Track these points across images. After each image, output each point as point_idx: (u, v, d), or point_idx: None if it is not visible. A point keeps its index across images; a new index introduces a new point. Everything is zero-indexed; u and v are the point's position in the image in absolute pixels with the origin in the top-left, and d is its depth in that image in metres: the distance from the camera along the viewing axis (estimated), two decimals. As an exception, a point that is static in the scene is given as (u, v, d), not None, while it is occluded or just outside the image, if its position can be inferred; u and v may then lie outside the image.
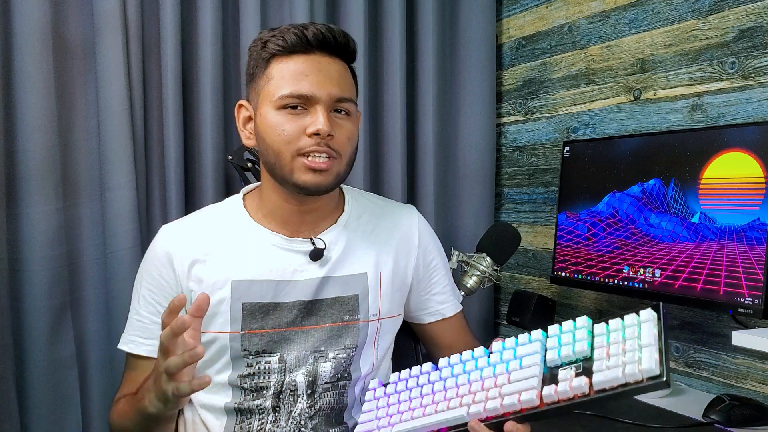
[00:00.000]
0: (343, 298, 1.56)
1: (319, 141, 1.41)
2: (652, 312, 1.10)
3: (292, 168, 1.44)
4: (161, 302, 1.52)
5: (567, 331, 1.18)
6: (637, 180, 1.93)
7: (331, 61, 1.46)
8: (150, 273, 1.54)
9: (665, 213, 1.85)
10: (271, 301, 1.51)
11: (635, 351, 1.05)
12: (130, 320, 1.56)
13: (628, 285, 1.92)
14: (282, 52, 1.44)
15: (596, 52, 2.30)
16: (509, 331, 2.65)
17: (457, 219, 2.64)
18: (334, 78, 1.45)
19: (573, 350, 1.13)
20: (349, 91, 1.48)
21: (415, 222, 1.70)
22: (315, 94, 1.42)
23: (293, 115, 1.43)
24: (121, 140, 2.02)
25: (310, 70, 1.43)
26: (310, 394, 1.52)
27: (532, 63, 2.58)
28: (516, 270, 2.67)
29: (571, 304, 2.41)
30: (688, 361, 2.01)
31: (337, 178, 1.48)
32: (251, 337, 1.50)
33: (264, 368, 1.51)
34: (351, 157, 1.51)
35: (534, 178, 2.58)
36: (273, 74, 1.45)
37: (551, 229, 2.36)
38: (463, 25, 2.61)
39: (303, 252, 1.53)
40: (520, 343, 1.24)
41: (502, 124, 2.73)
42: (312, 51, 1.44)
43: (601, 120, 2.29)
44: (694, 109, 1.98)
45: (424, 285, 1.71)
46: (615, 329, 1.12)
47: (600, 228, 2.03)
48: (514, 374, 1.17)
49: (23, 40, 1.89)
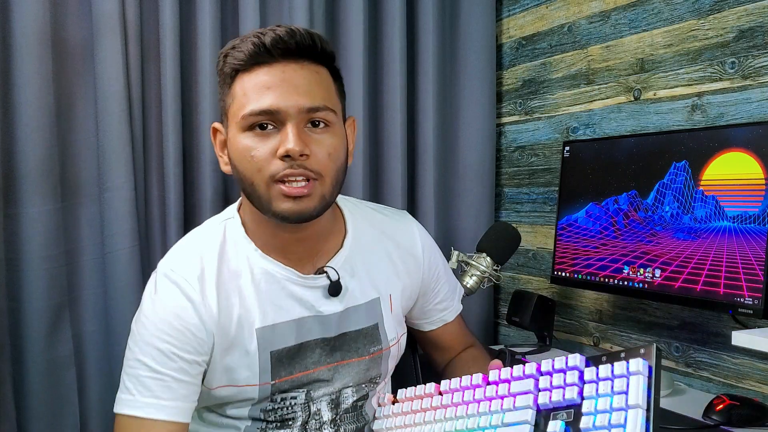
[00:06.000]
0: (366, 329, 1.49)
1: (292, 163, 1.27)
2: (642, 362, 1.07)
3: (269, 197, 1.30)
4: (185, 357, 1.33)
5: (559, 370, 1.18)
6: (637, 180, 1.92)
7: (297, 68, 1.30)
8: (169, 323, 1.33)
9: (665, 213, 1.84)
10: (294, 343, 1.40)
11: (622, 412, 1.04)
12: (139, 379, 1.32)
13: (628, 285, 1.91)
14: (242, 66, 1.30)
15: (596, 52, 2.29)
16: (509, 331, 2.67)
17: (457, 219, 2.63)
18: (301, 87, 1.28)
19: (564, 396, 1.13)
20: (323, 98, 1.31)
21: (415, 233, 1.62)
22: (281, 108, 1.26)
23: (262, 137, 1.28)
24: (120, 141, 2.01)
25: (272, 82, 1.28)
26: (333, 419, 1.47)
27: (532, 63, 2.57)
28: (516, 270, 2.66)
29: (571, 304, 2.41)
30: (688, 361, 2.01)
31: (322, 201, 1.33)
32: (281, 385, 1.40)
33: (289, 404, 1.43)
34: (336, 176, 1.34)
35: (534, 178, 2.58)
36: (236, 92, 1.31)
37: (551, 229, 2.36)
38: (463, 25, 2.60)
39: (320, 287, 1.43)
40: (515, 377, 1.23)
41: (502, 124, 2.72)
42: (274, 60, 1.28)
43: (601, 120, 2.28)
44: (694, 109, 1.98)
45: (429, 296, 1.66)
46: (605, 377, 1.11)
47: (600, 228, 2.02)
48: (508, 416, 1.18)
49: (22, 41, 1.88)
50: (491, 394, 1.24)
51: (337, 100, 1.37)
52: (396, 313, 1.55)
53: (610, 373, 1.10)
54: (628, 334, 2.19)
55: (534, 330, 2.30)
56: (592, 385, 1.11)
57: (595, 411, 1.07)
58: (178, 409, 1.31)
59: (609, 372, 1.10)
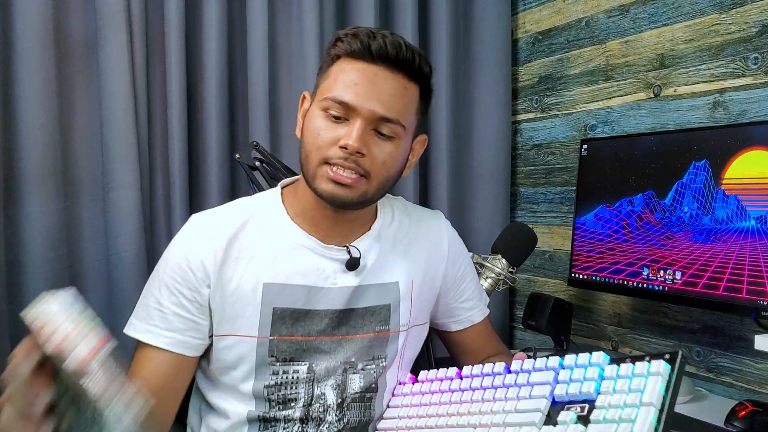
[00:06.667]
0: (375, 307, 1.52)
1: (347, 156, 1.35)
2: (664, 365, 1.09)
3: (315, 174, 1.39)
4: (185, 293, 1.43)
5: (581, 366, 1.20)
6: (657, 179, 1.91)
7: (390, 76, 1.38)
8: (177, 261, 1.44)
9: (686, 213, 1.82)
10: (302, 307, 1.46)
11: (634, 408, 1.05)
12: (147, 308, 1.45)
13: (648, 288, 1.91)
14: (345, 54, 1.39)
15: (615, 47, 2.28)
16: (525, 335, 2.66)
17: (471, 219, 2.62)
18: (384, 94, 1.37)
19: (581, 389, 1.15)
20: (398, 112, 1.39)
21: (444, 230, 1.66)
22: (357, 106, 1.35)
23: (333, 123, 1.38)
24: (125, 139, 2.01)
25: (361, 80, 1.37)
26: (340, 404, 1.48)
27: (549, 58, 2.56)
28: (532, 272, 2.65)
29: (589, 307, 2.39)
30: (709, 366, 2.00)
31: (362, 197, 1.41)
32: (279, 344, 1.44)
33: (292, 378, 1.46)
34: (384, 182, 1.43)
35: (551, 178, 2.57)
36: (331, 74, 1.40)
37: (568, 230, 2.35)
38: (478, 19, 2.60)
39: (338, 260, 1.49)
40: (536, 368, 1.26)
41: (518, 122, 2.71)
42: (374, 61, 1.37)
43: (619, 117, 2.27)
44: (715, 106, 1.96)
45: (453, 293, 1.67)
46: (624, 375, 1.12)
47: (619, 229, 2.01)
48: (521, 403, 1.21)
49: (24, 35, 1.87)
50: (510, 382, 1.27)
51: (414, 117, 1.45)
52: (416, 301, 1.58)
53: (630, 372, 1.11)
54: (647, 338, 2.18)
55: (551, 334, 2.27)
56: (610, 382, 1.12)
57: (608, 406, 1.09)
58: (173, 340, 1.42)
59: (629, 371, 1.11)
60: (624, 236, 1.99)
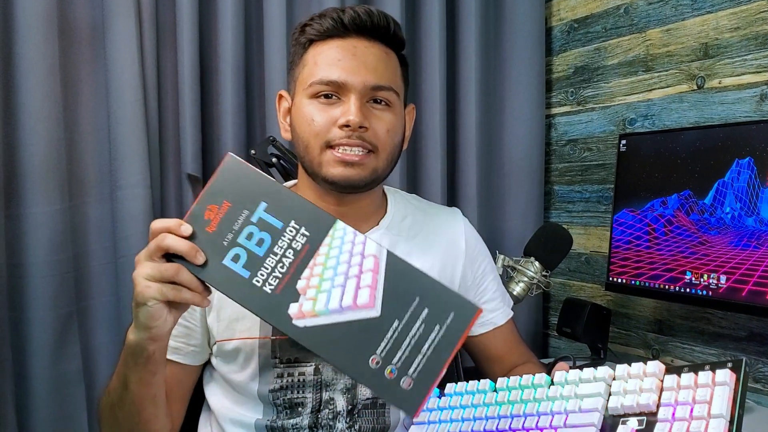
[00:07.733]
0: None
1: (351, 133, 1.36)
2: (730, 374, 1.04)
3: (320, 161, 1.39)
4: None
5: (635, 376, 1.14)
6: (700, 177, 1.88)
7: (369, 45, 1.41)
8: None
9: (731, 213, 1.80)
10: None
11: (703, 420, 1.01)
12: None
13: (691, 292, 1.88)
14: (319, 37, 1.41)
15: (655, 35, 2.24)
16: (560, 342, 2.63)
17: (502, 220, 2.60)
18: (370, 64, 1.39)
19: (638, 401, 1.09)
20: (389, 78, 1.42)
21: (460, 226, 1.64)
22: (347, 81, 1.37)
23: (325, 105, 1.39)
24: (134, 134, 1.98)
25: (343, 55, 1.39)
26: (350, 411, 1.45)
27: (585, 48, 2.52)
28: (567, 276, 2.61)
29: (627, 313, 2.35)
30: (756, 376, 1.96)
31: (374, 174, 1.42)
32: (282, 343, 1.43)
33: (298, 381, 1.44)
34: (392, 153, 1.45)
35: (587, 175, 2.53)
36: (308, 60, 1.42)
37: (606, 231, 2.31)
38: (509, 6, 2.57)
39: None
40: (584, 379, 1.19)
41: (552, 116, 2.68)
42: (348, 35, 1.40)
43: (660, 111, 2.24)
44: (763, 98, 1.93)
45: (473, 293, 1.63)
46: (686, 386, 1.07)
47: (660, 230, 1.98)
48: (571, 417, 1.14)
49: (26, 22, 1.84)
50: (555, 395, 1.20)
51: (401, 84, 1.48)
52: None
53: (693, 383, 1.07)
54: (690, 346, 2.13)
55: (587, 342, 2.25)
56: (671, 393, 1.08)
57: (672, 419, 1.04)
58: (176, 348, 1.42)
59: (692, 381, 1.07)
60: (665, 238, 1.97)
